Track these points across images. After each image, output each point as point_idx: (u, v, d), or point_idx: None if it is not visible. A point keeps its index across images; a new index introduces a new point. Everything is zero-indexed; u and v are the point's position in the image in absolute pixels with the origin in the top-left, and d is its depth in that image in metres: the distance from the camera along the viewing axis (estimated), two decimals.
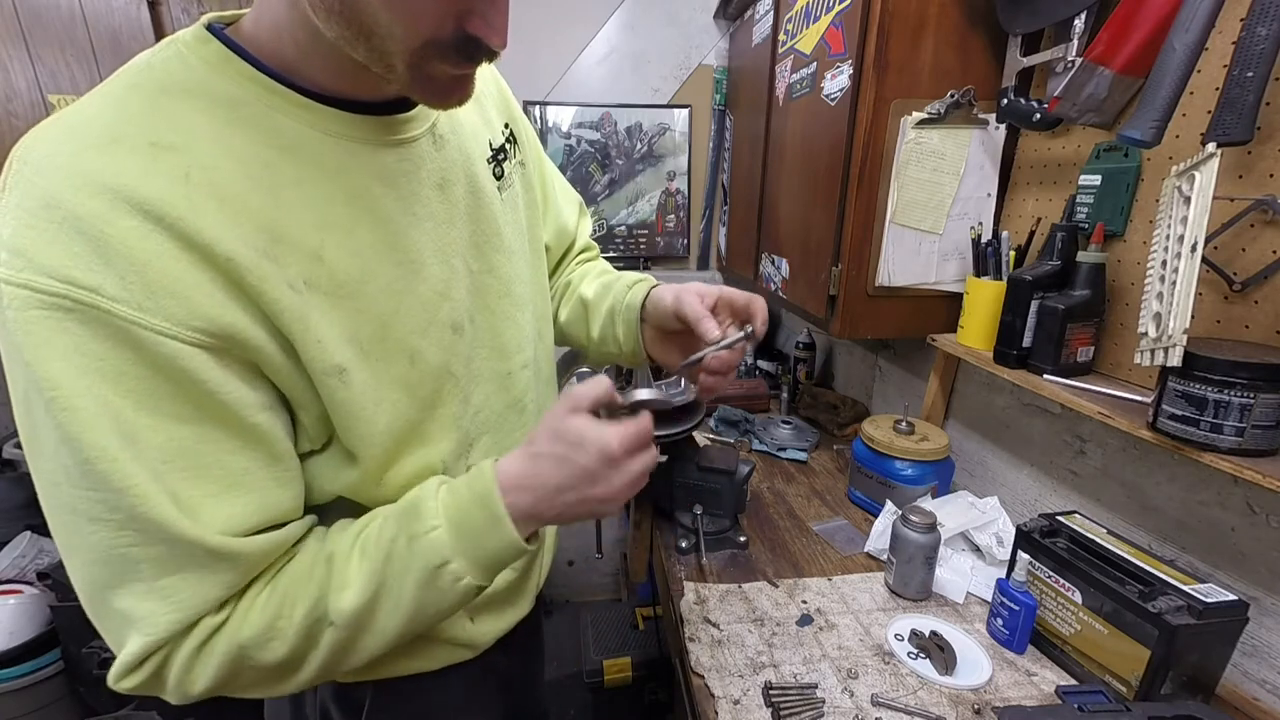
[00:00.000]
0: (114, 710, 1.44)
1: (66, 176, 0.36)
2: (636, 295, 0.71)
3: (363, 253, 0.47)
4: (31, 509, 1.59)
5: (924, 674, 0.76)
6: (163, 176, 0.37)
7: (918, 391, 1.36)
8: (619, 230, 2.06)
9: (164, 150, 0.38)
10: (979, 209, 1.06)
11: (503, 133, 0.64)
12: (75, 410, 0.36)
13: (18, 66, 1.44)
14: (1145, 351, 0.68)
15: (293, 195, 0.43)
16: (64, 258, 0.35)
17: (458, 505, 0.47)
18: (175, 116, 0.40)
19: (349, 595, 0.44)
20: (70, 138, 0.37)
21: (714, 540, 1.04)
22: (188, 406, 0.39)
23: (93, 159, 0.36)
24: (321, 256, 0.44)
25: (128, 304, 0.36)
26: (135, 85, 0.40)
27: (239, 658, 0.43)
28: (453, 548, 0.46)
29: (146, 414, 0.38)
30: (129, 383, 0.37)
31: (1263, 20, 0.61)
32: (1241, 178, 0.70)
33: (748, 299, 0.62)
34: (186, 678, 0.42)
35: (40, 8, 1.41)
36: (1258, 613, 0.70)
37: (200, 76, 0.41)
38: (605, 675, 1.56)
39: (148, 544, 0.39)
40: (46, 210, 0.35)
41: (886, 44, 0.98)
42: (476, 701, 0.67)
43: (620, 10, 1.89)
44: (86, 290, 0.35)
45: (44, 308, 0.35)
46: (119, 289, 0.36)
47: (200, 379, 0.39)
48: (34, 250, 0.35)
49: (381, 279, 0.48)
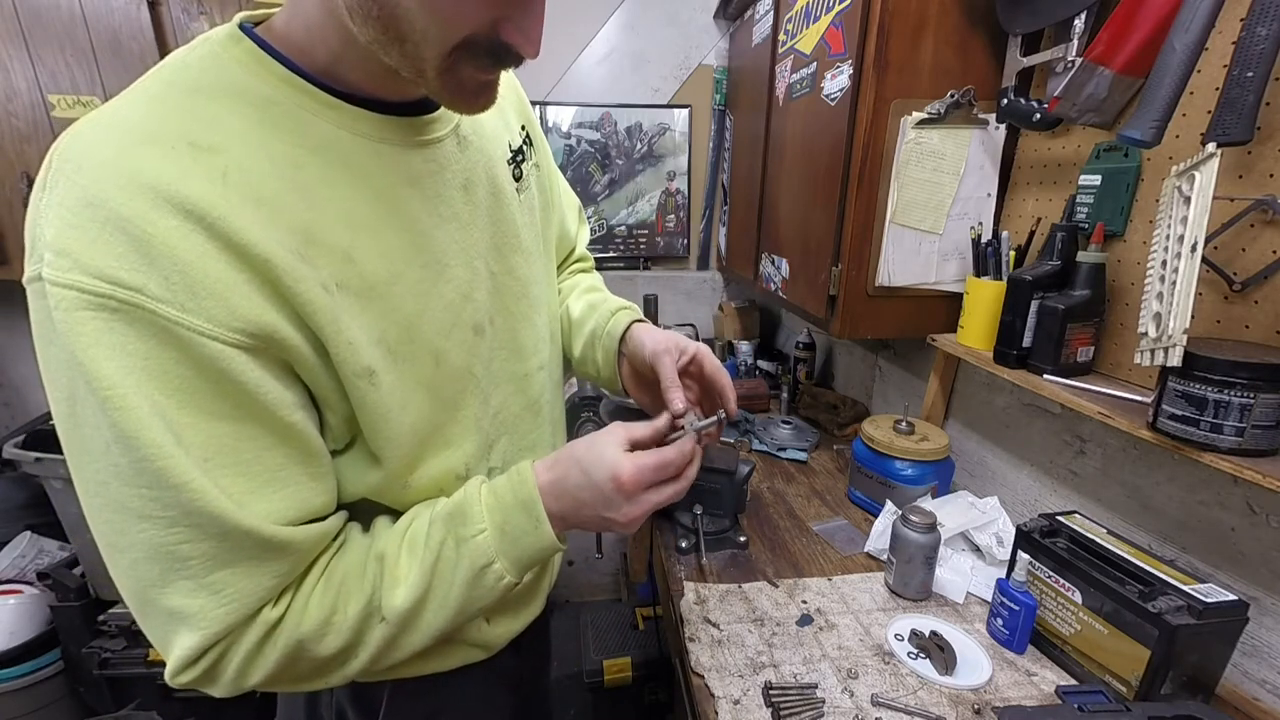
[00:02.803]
0: (114, 710, 1.44)
1: (108, 175, 0.36)
2: (618, 325, 0.72)
3: (390, 254, 0.47)
4: (31, 509, 1.59)
5: (924, 674, 0.76)
6: (201, 177, 0.38)
7: (918, 391, 1.36)
8: (619, 230, 2.06)
9: (202, 151, 0.38)
10: (979, 209, 1.06)
11: (520, 135, 0.64)
12: (130, 409, 0.36)
13: (18, 66, 1.44)
14: (1145, 351, 0.68)
15: (323, 195, 0.43)
16: (109, 258, 0.35)
17: (501, 508, 0.50)
18: (211, 117, 0.40)
19: (401, 593, 0.46)
20: (110, 136, 0.37)
21: (714, 540, 1.04)
22: (227, 404, 0.39)
23: (134, 158, 0.36)
24: (352, 257, 0.44)
25: (171, 304, 0.36)
26: (171, 84, 0.41)
27: (297, 651, 0.44)
28: (497, 549, 0.49)
29: (189, 412, 0.38)
30: (173, 381, 0.37)
31: (1263, 20, 0.61)
32: (1241, 178, 0.70)
33: (714, 373, 0.64)
34: (247, 669, 0.43)
35: (40, 8, 1.41)
36: (1258, 613, 0.70)
37: (233, 76, 0.41)
38: (605, 675, 1.56)
39: (199, 540, 0.39)
40: (89, 209, 0.35)
41: (886, 44, 0.98)
42: (487, 701, 0.67)
43: (620, 10, 1.89)
44: (131, 290, 0.35)
45: (91, 308, 0.35)
46: (163, 289, 0.36)
47: (239, 379, 0.39)
48: (79, 250, 0.35)
49: (409, 280, 0.48)
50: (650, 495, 0.52)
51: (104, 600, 1.48)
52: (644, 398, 0.72)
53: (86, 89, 1.47)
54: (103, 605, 1.48)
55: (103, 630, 1.47)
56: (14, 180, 1.50)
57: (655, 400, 0.67)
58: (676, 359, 0.64)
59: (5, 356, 1.87)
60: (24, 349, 1.87)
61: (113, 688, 1.48)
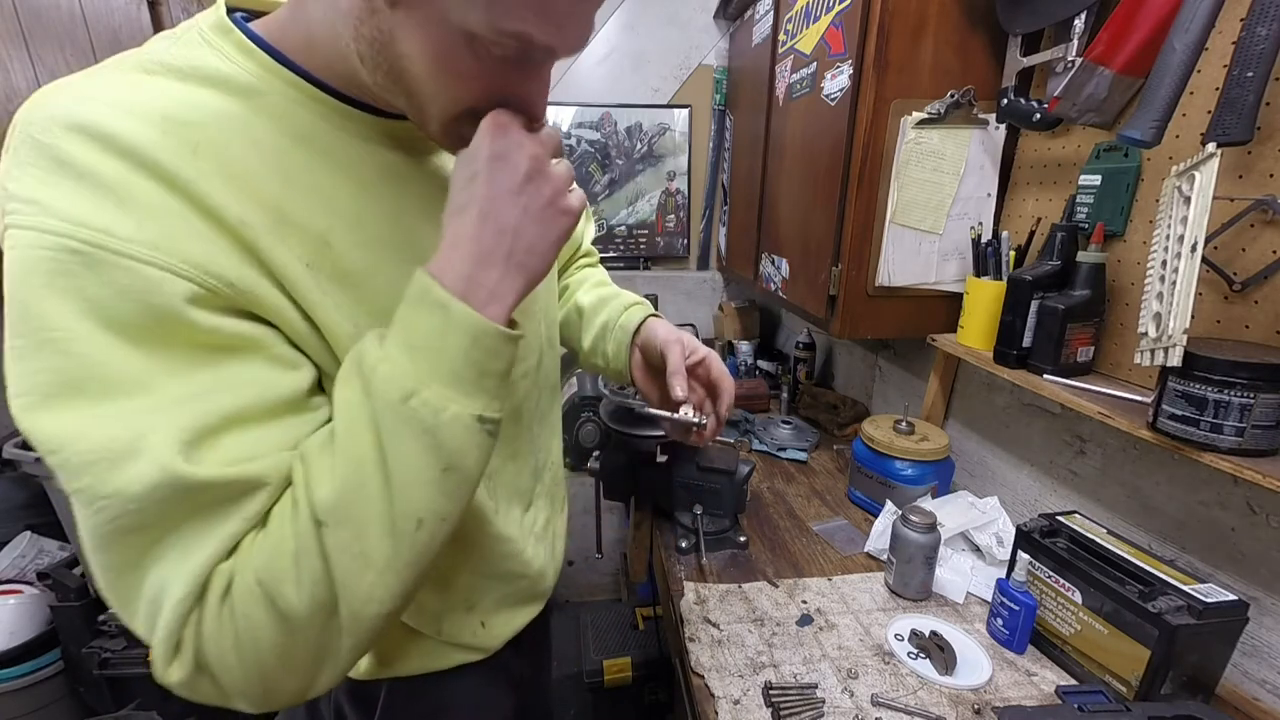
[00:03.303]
0: (114, 710, 1.44)
1: (78, 137, 0.35)
2: (632, 318, 0.75)
3: (371, 245, 0.46)
4: (31, 509, 1.59)
5: (924, 674, 0.76)
6: (171, 148, 0.37)
7: (918, 391, 1.36)
8: (619, 230, 2.06)
9: (176, 124, 0.37)
10: (979, 209, 1.06)
11: None
12: (72, 355, 0.33)
13: (18, 66, 1.44)
14: (1145, 351, 0.68)
15: (303, 181, 0.43)
16: (79, 203, 0.34)
17: (400, 325, 0.39)
18: (191, 98, 0.39)
19: (324, 482, 0.37)
20: (79, 104, 0.36)
21: (714, 540, 1.04)
22: (194, 348, 0.36)
23: (107, 123, 0.35)
24: (329, 241, 0.43)
25: (142, 244, 0.34)
26: (150, 71, 0.40)
27: (264, 600, 0.36)
28: (413, 373, 0.38)
29: (158, 360, 0.35)
30: (127, 330, 0.34)
31: (1263, 20, 0.61)
32: (1241, 178, 0.70)
33: (720, 377, 0.67)
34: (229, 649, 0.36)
35: (40, 8, 1.41)
36: (1258, 613, 0.70)
37: (217, 65, 0.41)
38: (605, 675, 1.56)
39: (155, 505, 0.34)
40: (62, 167, 0.34)
41: (886, 44, 0.98)
42: (487, 700, 0.67)
43: (620, 10, 1.89)
44: (97, 231, 0.33)
45: (49, 248, 0.33)
46: (134, 230, 0.34)
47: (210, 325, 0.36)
48: (47, 198, 0.34)
49: (388, 274, 0.47)
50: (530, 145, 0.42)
51: (104, 600, 1.48)
52: (649, 386, 0.75)
53: None
54: (103, 605, 1.48)
55: (103, 630, 1.47)
56: None
57: (660, 389, 0.71)
58: (687, 354, 0.67)
59: None
60: None
61: (113, 688, 1.48)
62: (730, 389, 0.68)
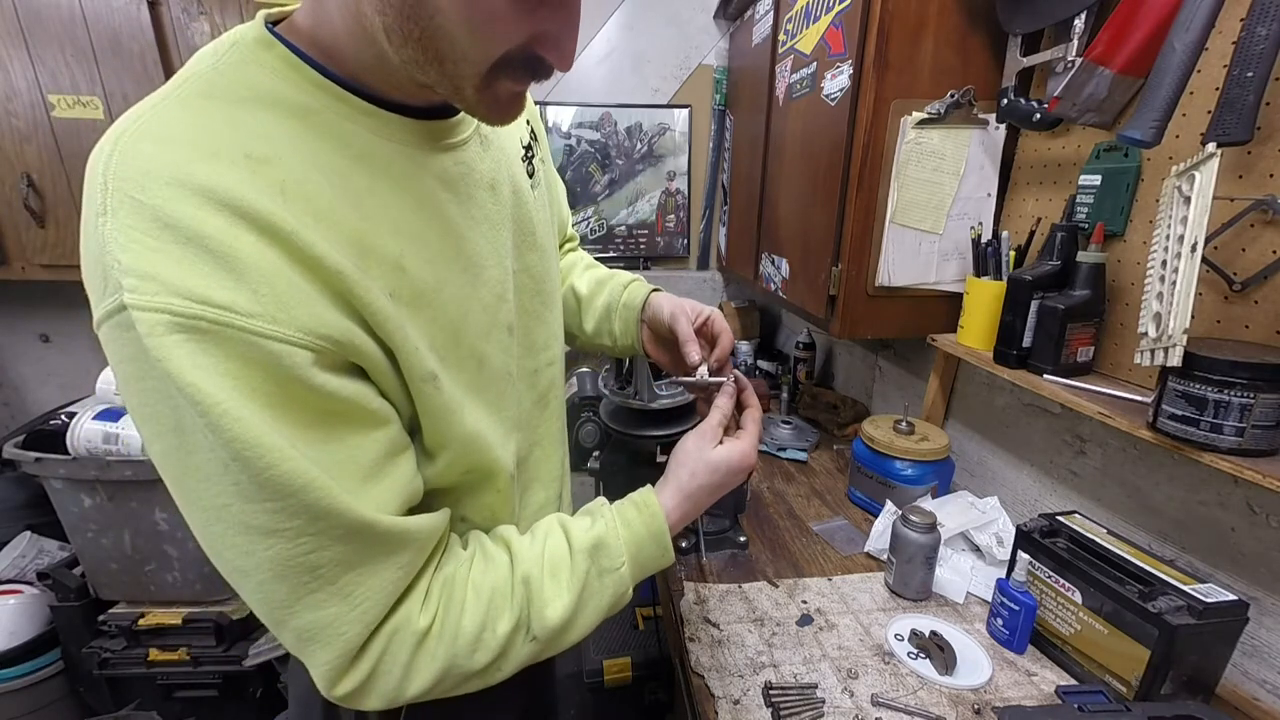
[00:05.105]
0: (114, 710, 1.45)
1: (179, 193, 0.34)
2: (635, 296, 0.77)
3: (435, 260, 0.47)
4: (31, 509, 1.59)
5: (924, 674, 0.76)
6: (263, 192, 0.37)
7: (918, 391, 1.36)
8: (619, 230, 2.06)
9: (258, 163, 0.37)
10: (979, 209, 1.06)
11: (528, 129, 0.65)
12: (243, 420, 0.35)
13: (18, 66, 1.44)
14: (1145, 351, 0.68)
15: (371, 205, 0.43)
16: (196, 277, 0.34)
17: (636, 542, 0.55)
18: (259, 128, 0.39)
19: (551, 614, 0.50)
20: (167, 152, 0.36)
21: (714, 540, 1.04)
22: (316, 413, 0.39)
23: (202, 174, 0.35)
24: (403, 266, 0.44)
25: (262, 318, 0.35)
26: (209, 95, 0.39)
27: (450, 664, 0.46)
28: (631, 577, 0.55)
29: (287, 425, 0.38)
30: (261, 398, 0.37)
31: (1263, 20, 0.61)
32: (1241, 178, 0.70)
33: (720, 330, 0.72)
34: (404, 683, 0.45)
35: (40, 8, 1.41)
36: (1258, 613, 0.70)
37: (270, 84, 0.41)
38: (605, 675, 1.55)
39: (326, 546, 0.40)
40: (168, 230, 0.34)
41: (886, 44, 0.98)
42: (500, 697, 0.67)
43: (620, 10, 1.89)
44: (221, 309, 0.34)
45: (183, 330, 0.34)
46: (252, 303, 0.35)
47: (326, 387, 0.39)
48: (164, 272, 0.34)
49: (452, 285, 0.48)
50: (748, 442, 0.61)
51: (104, 600, 1.48)
52: (662, 356, 0.78)
53: (86, 89, 1.47)
54: (103, 605, 1.48)
55: (103, 630, 1.47)
56: (14, 180, 1.50)
57: (674, 357, 0.76)
58: (693, 320, 0.71)
59: (5, 356, 1.86)
60: (24, 349, 1.87)
61: (113, 688, 1.48)
62: (729, 339, 0.72)
